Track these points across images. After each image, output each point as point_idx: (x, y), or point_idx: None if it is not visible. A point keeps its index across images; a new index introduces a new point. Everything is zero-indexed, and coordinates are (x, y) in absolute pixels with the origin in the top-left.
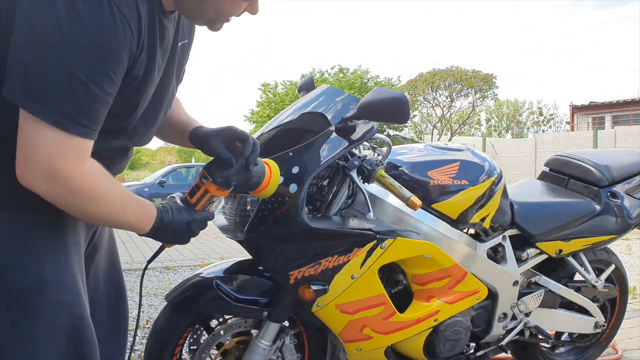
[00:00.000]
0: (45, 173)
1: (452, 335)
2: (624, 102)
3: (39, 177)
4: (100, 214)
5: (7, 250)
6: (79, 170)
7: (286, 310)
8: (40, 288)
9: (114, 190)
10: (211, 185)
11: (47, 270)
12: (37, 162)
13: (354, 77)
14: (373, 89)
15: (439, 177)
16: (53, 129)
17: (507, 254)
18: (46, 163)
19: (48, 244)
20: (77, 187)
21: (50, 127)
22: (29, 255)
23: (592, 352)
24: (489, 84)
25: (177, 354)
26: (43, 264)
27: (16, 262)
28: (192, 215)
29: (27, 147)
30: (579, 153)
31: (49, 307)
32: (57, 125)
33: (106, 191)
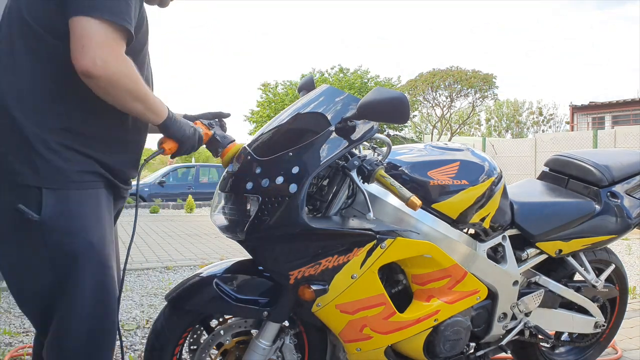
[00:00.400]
0: (100, 54)
1: (452, 335)
2: (624, 102)
3: (96, 59)
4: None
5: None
6: (122, 55)
7: (286, 310)
8: (88, 251)
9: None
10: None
11: (92, 235)
12: (94, 45)
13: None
14: (373, 89)
15: (439, 177)
16: (104, 22)
17: (507, 254)
18: (100, 48)
19: (93, 214)
20: (126, 69)
21: (102, 20)
22: (79, 223)
23: (592, 352)
24: (489, 84)
25: (177, 354)
26: (88, 231)
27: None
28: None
29: (84, 37)
30: (579, 153)
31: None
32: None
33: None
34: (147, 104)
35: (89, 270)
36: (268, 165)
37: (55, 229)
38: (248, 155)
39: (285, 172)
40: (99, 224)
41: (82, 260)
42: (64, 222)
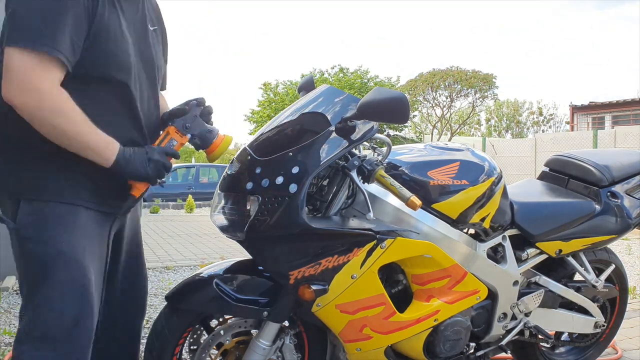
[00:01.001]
0: (20, 85)
1: (452, 335)
2: (623, 102)
3: (15, 90)
4: (70, 130)
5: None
6: (47, 85)
7: (286, 310)
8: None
9: (80, 112)
10: (171, 127)
11: (63, 244)
12: (13, 76)
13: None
14: (373, 89)
15: (439, 177)
16: (22, 49)
17: (507, 254)
18: (19, 76)
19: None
20: (46, 100)
21: (20, 48)
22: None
23: (592, 352)
24: (489, 84)
25: (177, 354)
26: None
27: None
28: (151, 150)
29: (6, 69)
30: (579, 153)
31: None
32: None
33: (73, 108)
34: (81, 143)
35: (58, 279)
36: (268, 165)
37: (28, 237)
38: (248, 156)
39: (285, 172)
40: (73, 235)
41: (51, 268)
42: (35, 231)
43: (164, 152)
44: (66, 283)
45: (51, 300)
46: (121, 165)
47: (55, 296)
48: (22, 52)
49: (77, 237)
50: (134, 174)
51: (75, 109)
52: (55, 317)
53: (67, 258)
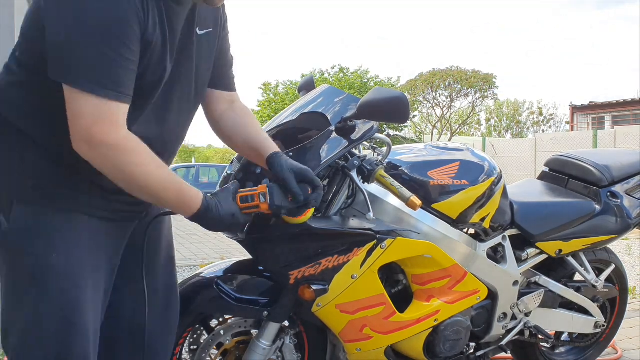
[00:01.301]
0: (86, 138)
1: (452, 335)
2: (623, 102)
3: (82, 143)
4: (138, 186)
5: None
6: (115, 135)
7: (286, 310)
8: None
9: (153, 166)
10: (265, 206)
11: (54, 257)
12: (80, 131)
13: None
14: (373, 89)
15: (439, 177)
16: (89, 96)
17: (507, 254)
18: (87, 130)
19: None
20: (112, 153)
21: (87, 94)
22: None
23: (592, 352)
24: (489, 84)
25: (177, 353)
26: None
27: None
28: (238, 214)
29: (73, 119)
30: (579, 153)
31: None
32: (92, 91)
33: (141, 162)
34: (155, 196)
35: (47, 298)
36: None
37: (17, 244)
38: None
39: None
40: (71, 247)
41: (41, 286)
42: (26, 239)
43: (245, 222)
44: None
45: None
46: (199, 220)
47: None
48: (87, 98)
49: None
50: (210, 229)
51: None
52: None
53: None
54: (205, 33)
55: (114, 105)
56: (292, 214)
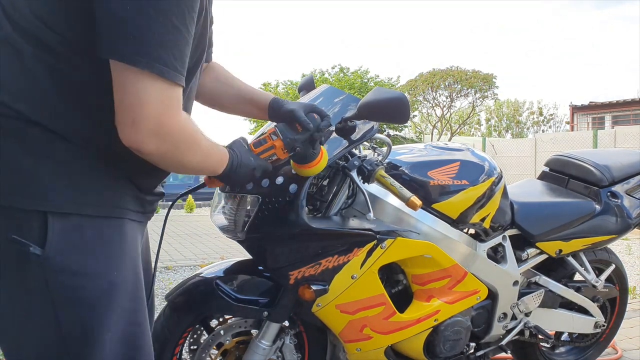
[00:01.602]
0: (156, 128)
1: (452, 335)
2: (624, 102)
3: (150, 135)
4: (193, 162)
5: (76, 256)
6: (180, 121)
7: (286, 310)
8: (110, 294)
9: (201, 136)
10: (279, 142)
11: (115, 275)
12: (147, 119)
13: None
14: (373, 89)
15: (439, 177)
16: (157, 80)
17: (507, 254)
18: (156, 119)
19: (115, 248)
20: (181, 139)
21: (155, 78)
22: (98, 260)
23: (592, 352)
24: (489, 84)
25: (177, 354)
26: (112, 269)
27: (86, 268)
28: (257, 161)
29: (134, 106)
30: (579, 153)
31: (115, 314)
32: (164, 74)
33: (199, 138)
34: (203, 164)
35: (112, 321)
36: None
37: (63, 268)
38: None
39: (285, 172)
40: (124, 259)
41: (101, 308)
42: (75, 259)
43: (265, 168)
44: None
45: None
46: (225, 176)
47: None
48: (156, 82)
49: (129, 263)
50: (234, 185)
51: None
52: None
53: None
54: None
55: (180, 90)
56: (306, 154)
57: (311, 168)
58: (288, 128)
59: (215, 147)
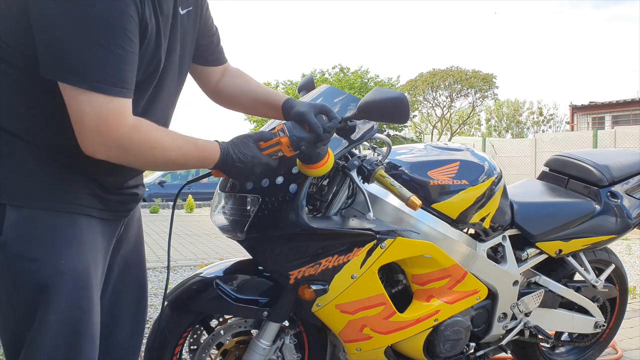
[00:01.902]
0: (98, 139)
1: (452, 335)
2: (624, 102)
3: (95, 144)
4: (162, 163)
5: (28, 244)
6: (124, 127)
7: (286, 310)
8: (56, 280)
9: (167, 140)
10: (286, 139)
11: (62, 263)
12: (88, 132)
13: (354, 77)
14: (373, 89)
15: (439, 177)
16: (92, 95)
17: (507, 254)
18: (95, 130)
19: (64, 240)
20: (128, 144)
21: (89, 93)
22: (47, 249)
23: (592, 352)
24: (489, 84)
25: (177, 353)
26: (60, 257)
27: (35, 255)
28: (258, 156)
29: (77, 121)
30: (579, 153)
31: (60, 299)
32: (95, 89)
33: (157, 140)
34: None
35: (57, 304)
36: None
37: (19, 253)
38: None
39: (285, 172)
40: (75, 250)
41: (48, 293)
42: (26, 247)
43: (268, 164)
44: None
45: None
46: (222, 169)
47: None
48: (92, 97)
49: (79, 253)
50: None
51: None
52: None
53: (69, 281)
54: (186, 12)
55: (120, 101)
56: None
57: (317, 169)
58: (296, 126)
59: (193, 145)
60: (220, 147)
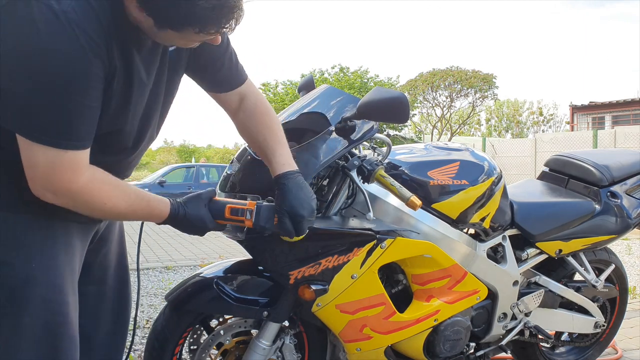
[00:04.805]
0: (48, 187)
1: (452, 335)
2: (624, 102)
3: (44, 191)
4: (110, 215)
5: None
6: (77, 183)
7: (286, 310)
8: (28, 284)
9: (118, 196)
10: (250, 223)
11: (34, 267)
12: (38, 179)
13: (354, 77)
14: (373, 88)
15: (439, 177)
16: (44, 148)
17: (507, 253)
18: (45, 179)
19: (37, 244)
20: (79, 198)
21: (41, 146)
22: (19, 253)
23: (592, 352)
24: (489, 84)
25: (177, 354)
26: (31, 262)
27: (7, 258)
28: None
29: (28, 167)
30: (579, 153)
31: (33, 303)
32: (46, 143)
33: (108, 197)
34: (127, 218)
35: (30, 309)
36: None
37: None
38: (248, 155)
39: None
40: (48, 254)
41: (21, 297)
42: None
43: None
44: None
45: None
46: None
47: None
48: (44, 150)
49: (52, 257)
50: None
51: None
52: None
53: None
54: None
55: (73, 154)
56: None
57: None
58: (267, 214)
59: (144, 201)
60: (171, 206)
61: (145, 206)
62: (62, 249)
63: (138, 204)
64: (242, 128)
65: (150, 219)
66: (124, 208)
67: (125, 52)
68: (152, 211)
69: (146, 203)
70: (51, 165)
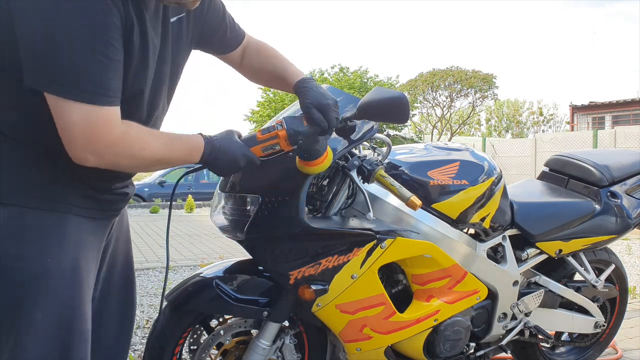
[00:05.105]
0: (88, 147)
1: (452, 335)
2: (624, 102)
3: (85, 153)
4: (152, 162)
5: (15, 241)
6: (114, 136)
7: (286, 310)
8: (41, 278)
9: (155, 140)
10: (283, 132)
11: (49, 262)
12: (78, 140)
13: (354, 77)
14: (373, 88)
15: (439, 177)
16: (80, 106)
17: (507, 254)
18: (85, 138)
19: (53, 238)
20: (119, 150)
21: (76, 103)
22: (34, 247)
23: (592, 352)
24: (489, 84)
25: (177, 354)
26: (45, 255)
27: (22, 252)
28: (242, 147)
29: (65, 130)
30: (579, 153)
31: (47, 297)
32: (81, 99)
33: (147, 142)
34: (168, 161)
35: (44, 303)
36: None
37: (5, 250)
38: None
39: (285, 172)
40: (61, 249)
41: (33, 291)
42: (14, 244)
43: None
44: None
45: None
46: (206, 163)
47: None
48: (79, 107)
49: (67, 252)
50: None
51: (149, 144)
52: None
53: (55, 281)
54: (177, 19)
55: (108, 110)
56: (309, 150)
57: (314, 166)
58: (295, 120)
59: (178, 140)
60: (205, 138)
61: (182, 144)
62: (75, 244)
63: (175, 144)
64: (250, 70)
65: (189, 159)
66: (163, 150)
67: (137, 8)
68: (189, 148)
69: (181, 141)
70: (89, 124)
